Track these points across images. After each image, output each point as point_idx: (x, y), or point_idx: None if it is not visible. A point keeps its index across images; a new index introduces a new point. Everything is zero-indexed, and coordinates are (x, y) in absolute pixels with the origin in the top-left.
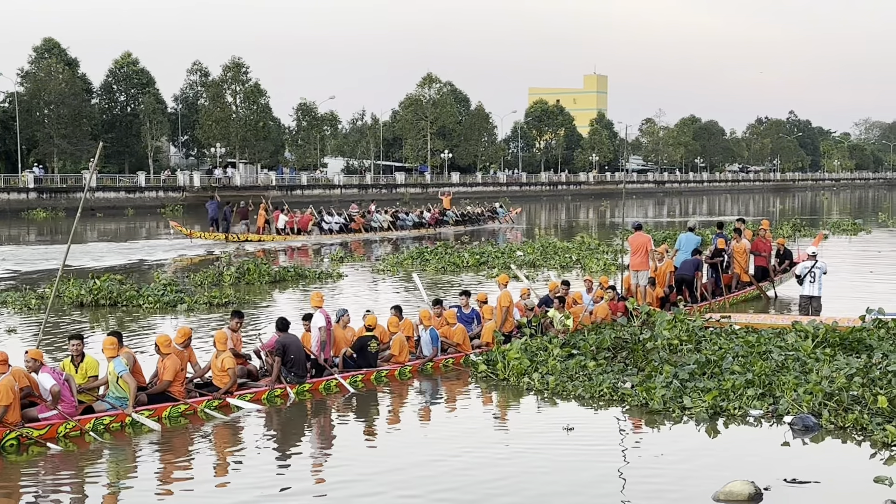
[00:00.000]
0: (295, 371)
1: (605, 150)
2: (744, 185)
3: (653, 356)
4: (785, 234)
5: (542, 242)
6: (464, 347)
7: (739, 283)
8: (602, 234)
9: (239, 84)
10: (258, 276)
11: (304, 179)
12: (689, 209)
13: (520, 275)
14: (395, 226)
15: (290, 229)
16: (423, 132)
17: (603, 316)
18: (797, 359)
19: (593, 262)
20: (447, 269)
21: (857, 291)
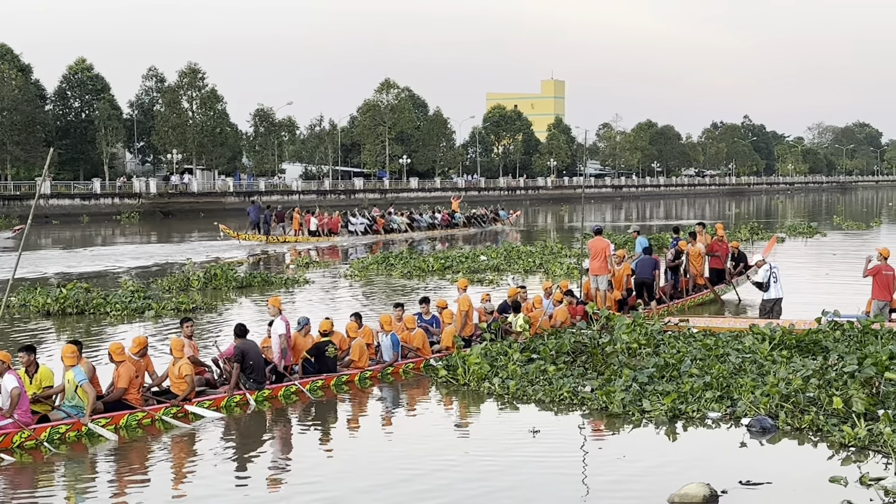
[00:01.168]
0: (254, 377)
1: (562, 155)
2: (700, 189)
3: (612, 360)
4: (742, 237)
5: (505, 247)
6: (424, 352)
7: (696, 287)
8: (562, 239)
9: (195, 90)
10: (225, 282)
11: (261, 185)
12: (646, 213)
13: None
14: (412, 227)
15: (321, 231)
16: (381, 137)
17: (562, 320)
18: (754, 361)
19: (556, 266)
20: (413, 275)
21: (814, 293)
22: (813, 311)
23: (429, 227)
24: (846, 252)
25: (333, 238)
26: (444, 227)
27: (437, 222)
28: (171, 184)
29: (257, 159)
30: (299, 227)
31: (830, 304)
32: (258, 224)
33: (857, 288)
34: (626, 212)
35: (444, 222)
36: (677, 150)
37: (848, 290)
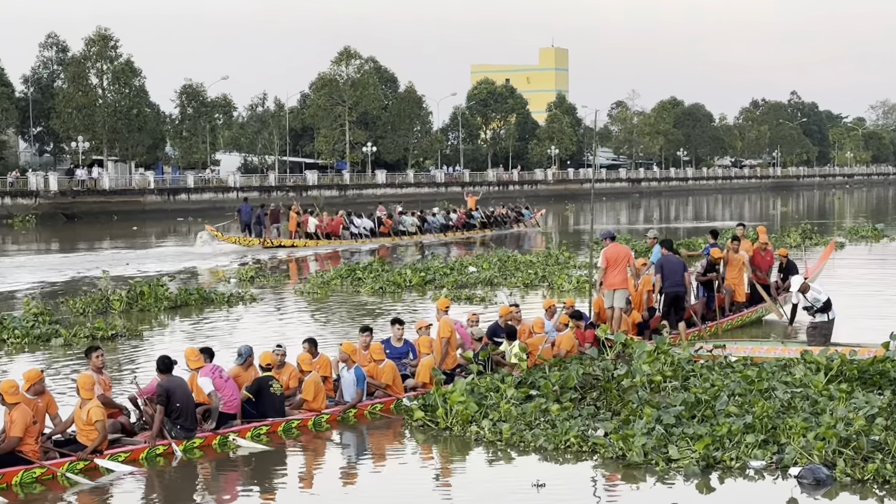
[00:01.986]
0: (181, 423)
1: (566, 142)
2: (737, 184)
3: (630, 396)
4: (792, 243)
5: (499, 256)
6: (394, 389)
7: (735, 305)
8: (570, 244)
9: (106, 61)
10: (154, 302)
11: (190, 181)
12: (670, 213)
13: (503, 298)
14: (423, 229)
15: (320, 234)
16: (339, 120)
17: (568, 347)
18: (807, 397)
19: (563, 279)
20: (386, 291)
21: (880, 312)
22: (879, 335)
23: (442, 229)
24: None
25: (332, 241)
26: (459, 228)
27: (451, 223)
28: (76, 179)
29: (184, 148)
30: (296, 228)
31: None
32: (250, 225)
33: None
34: (645, 212)
35: (459, 223)
36: (709, 135)
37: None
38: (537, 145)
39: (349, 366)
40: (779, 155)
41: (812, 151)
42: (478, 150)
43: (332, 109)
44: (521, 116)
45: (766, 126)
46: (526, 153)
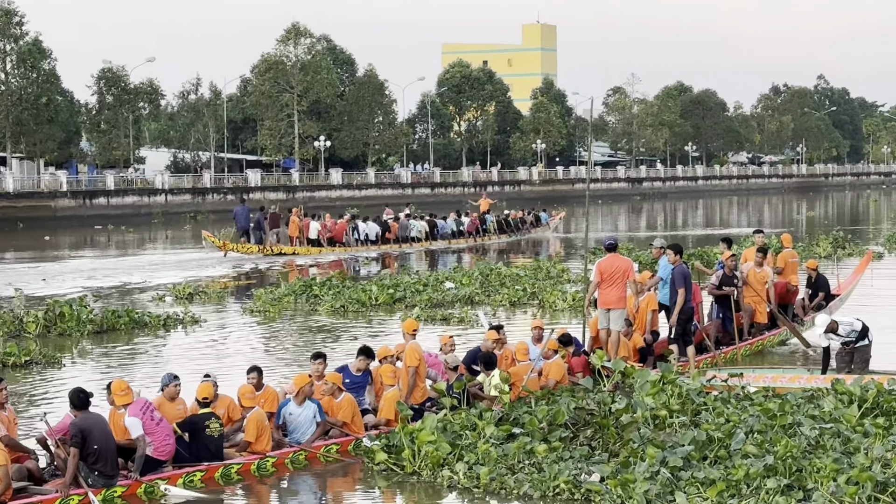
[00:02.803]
0: (100, 469)
1: (555, 135)
2: (756, 184)
3: (631, 435)
4: (822, 252)
5: (481, 269)
6: (353, 427)
7: (755, 326)
8: (563, 255)
9: (9, 40)
10: (76, 325)
11: (109, 182)
12: (677, 219)
13: (483, 321)
14: (433, 235)
15: (322, 240)
16: (286, 110)
17: (558, 377)
18: (837, 434)
19: (555, 295)
20: (348, 310)
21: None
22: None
23: (453, 234)
24: None
25: (336, 248)
26: (472, 234)
27: (463, 229)
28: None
29: (103, 143)
30: (298, 233)
31: None
32: (248, 231)
33: None
34: (647, 217)
35: (471, 228)
36: (722, 127)
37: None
38: (520, 139)
39: (299, 401)
40: (804, 150)
41: (843, 146)
42: (450, 145)
43: (279, 97)
44: (502, 105)
45: (788, 116)
46: (507, 148)
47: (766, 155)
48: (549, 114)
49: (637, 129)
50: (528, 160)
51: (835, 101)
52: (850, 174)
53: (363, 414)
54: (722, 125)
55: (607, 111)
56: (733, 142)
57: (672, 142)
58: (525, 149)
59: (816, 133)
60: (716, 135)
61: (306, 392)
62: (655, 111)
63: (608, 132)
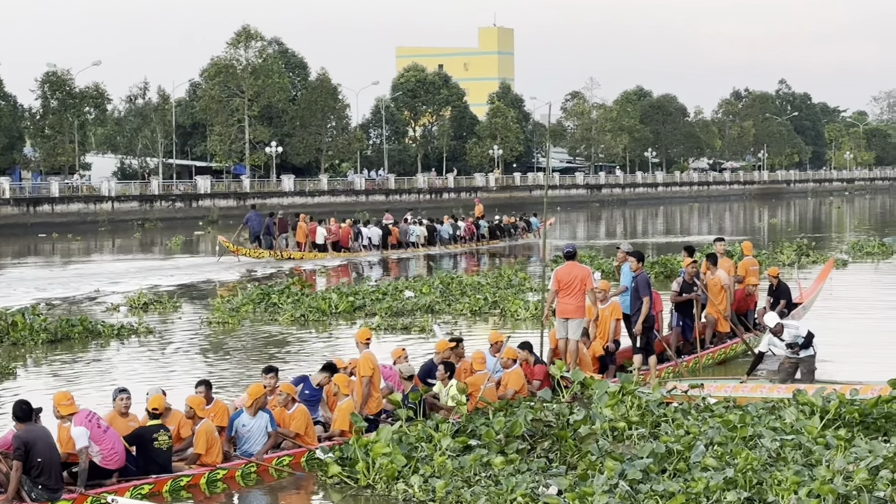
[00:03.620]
0: (44, 482)
1: (512, 140)
2: (717, 190)
3: (589, 447)
4: (785, 260)
5: (441, 278)
6: (305, 440)
7: (716, 335)
8: (523, 263)
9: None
10: (31, 334)
11: (54, 189)
12: (637, 226)
13: (438, 332)
14: (432, 240)
15: (329, 245)
16: (237, 115)
17: (516, 388)
18: (799, 445)
19: (517, 304)
20: (309, 319)
21: (887, 342)
22: (885, 370)
23: (450, 239)
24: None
25: (341, 254)
26: (468, 240)
27: (460, 234)
28: None
29: (47, 149)
30: (305, 238)
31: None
32: (259, 236)
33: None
34: (607, 224)
35: (467, 234)
36: (682, 132)
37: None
38: (477, 145)
39: (252, 411)
40: (765, 156)
41: (805, 152)
42: (405, 151)
43: (229, 102)
44: (458, 110)
45: (750, 122)
46: (463, 154)
47: (727, 161)
48: (507, 119)
49: (596, 134)
50: (484, 166)
51: (797, 106)
52: (813, 180)
53: (318, 425)
54: (682, 131)
55: (565, 116)
56: (694, 147)
57: (632, 147)
58: (482, 155)
59: (778, 139)
60: (676, 140)
61: (261, 402)
62: (614, 116)
63: (566, 138)
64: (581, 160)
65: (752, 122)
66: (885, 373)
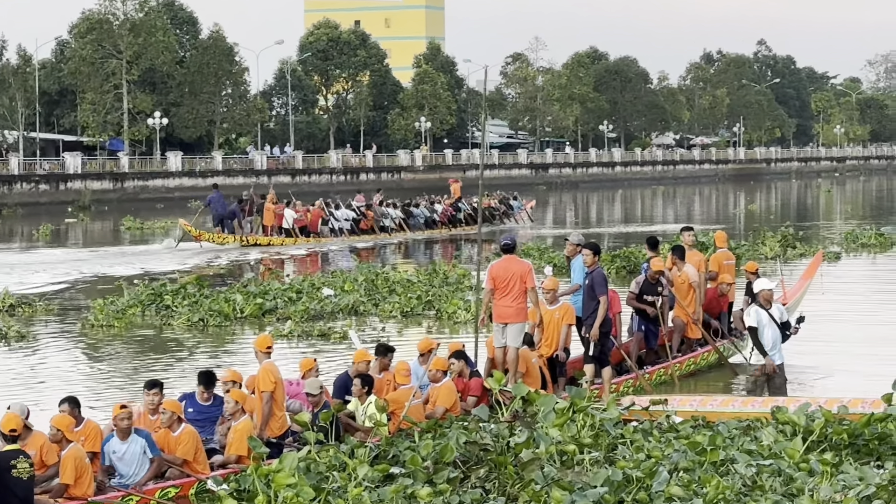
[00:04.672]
0: None
1: (442, 111)
2: (685, 171)
3: (532, 475)
4: (767, 253)
5: (365, 274)
6: (194, 467)
7: (685, 342)
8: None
9: None
10: None
11: None
12: (590, 213)
13: (355, 340)
14: (408, 224)
15: (297, 229)
16: (113, 80)
17: (447, 405)
18: (778, 472)
19: (455, 304)
20: (208, 324)
21: (882, 351)
22: (879, 385)
23: (426, 223)
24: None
25: (310, 239)
26: (445, 224)
27: (437, 217)
28: None
29: None
30: (272, 222)
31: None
32: (223, 219)
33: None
34: (555, 210)
35: (445, 217)
36: (644, 102)
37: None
38: (400, 116)
39: (121, 435)
40: (742, 130)
41: (788, 125)
42: (315, 124)
43: (103, 64)
44: (378, 75)
45: (723, 90)
46: (384, 128)
47: (696, 136)
48: (436, 86)
49: (542, 104)
50: (409, 142)
51: (778, 71)
52: (797, 159)
53: (210, 453)
54: (644, 100)
55: (506, 83)
56: (657, 120)
57: (584, 120)
58: (406, 128)
59: (757, 110)
60: (636, 112)
61: (124, 426)
62: (564, 83)
63: (507, 108)
64: (524, 135)
65: (725, 91)
66: (878, 384)
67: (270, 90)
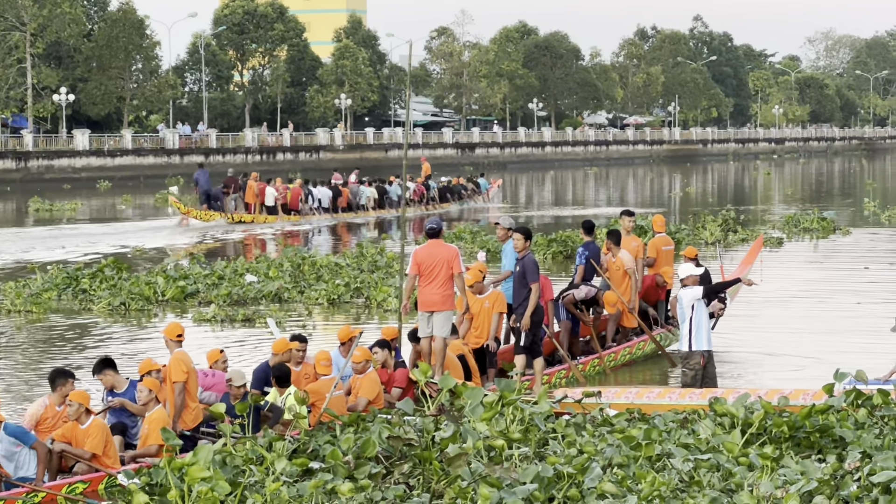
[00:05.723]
0: None
1: (363, 88)
2: (617, 152)
3: (459, 470)
4: (707, 238)
5: (291, 258)
6: (104, 461)
7: (619, 332)
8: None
9: None
10: None
11: None
12: (519, 195)
13: (274, 328)
14: (381, 203)
15: (279, 207)
16: (16, 53)
17: (370, 397)
18: (717, 466)
19: (385, 291)
20: (129, 308)
21: (824, 340)
22: (820, 374)
23: (400, 202)
24: (887, 264)
25: (291, 217)
26: (417, 202)
27: (409, 196)
28: None
29: None
30: (255, 200)
31: (852, 362)
32: (210, 196)
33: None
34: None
35: (416, 196)
36: (575, 80)
37: (886, 335)
38: (320, 93)
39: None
40: (677, 110)
41: (725, 105)
42: (230, 101)
43: (6, 37)
44: (296, 50)
45: (658, 67)
46: (303, 105)
47: (630, 116)
48: (357, 61)
49: (468, 81)
50: (329, 120)
51: (715, 48)
52: (735, 140)
53: (126, 448)
54: (575, 77)
55: (431, 58)
56: (589, 98)
57: (513, 98)
58: (325, 105)
59: (692, 88)
60: (568, 89)
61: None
62: (491, 59)
63: (432, 85)
64: (450, 113)
65: (660, 68)
66: (819, 377)
67: (183, 65)
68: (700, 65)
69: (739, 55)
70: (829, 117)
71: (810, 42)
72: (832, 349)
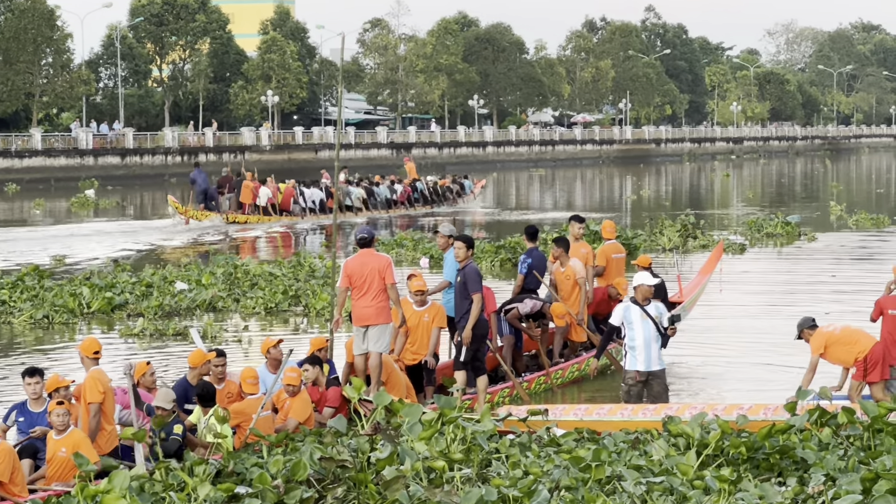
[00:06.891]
0: None
1: (292, 84)
2: (564, 152)
3: (397, 494)
4: (665, 244)
5: (224, 266)
6: (10, 489)
7: (568, 346)
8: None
9: None
10: None
11: None
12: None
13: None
14: (368, 204)
15: (272, 207)
16: None
17: (301, 417)
18: (671, 490)
19: (324, 299)
20: (53, 321)
21: (786, 354)
22: (784, 387)
23: (386, 203)
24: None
25: (284, 217)
26: (404, 204)
27: (396, 197)
28: None
29: None
30: (251, 199)
31: (817, 376)
32: (206, 195)
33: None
34: None
35: (403, 197)
36: (519, 74)
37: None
38: (245, 89)
39: None
40: (628, 107)
41: (680, 102)
42: (148, 97)
43: None
44: (219, 43)
45: (608, 61)
46: (227, 102)
47: (578, 113)
48: (284, 55)
49: (404, 76)
50: (255, 118)
51: (668, 41)
52: (690, 140)
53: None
54: (519, 72)
55: (364, 52)
56: (534, 95)
57: (452, 94)
58: (251, 103)
59: (645, 84)
60: (511, 85)
61: None
62: (429, 52)
63: (365, 80)
64: (384, 110)
65: (610, 62)
66: (780, 393)
67: (97, 59)
68: (653, 59)
69: (695, 48)
70: (790, 115)
71: (770, 35)
72: (796, 362)
